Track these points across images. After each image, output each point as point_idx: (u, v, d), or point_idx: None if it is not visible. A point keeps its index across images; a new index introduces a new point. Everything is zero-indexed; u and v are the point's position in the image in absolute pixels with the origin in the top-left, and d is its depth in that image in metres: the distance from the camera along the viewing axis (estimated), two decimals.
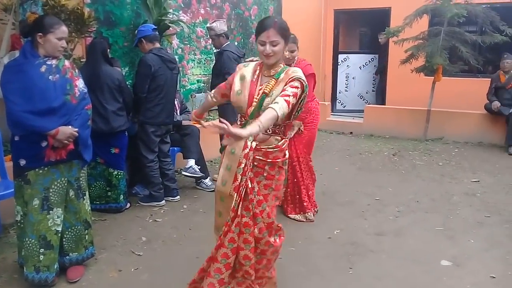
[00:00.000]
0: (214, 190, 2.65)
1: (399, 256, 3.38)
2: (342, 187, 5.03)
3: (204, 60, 6.26)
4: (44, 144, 2.70)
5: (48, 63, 2.73)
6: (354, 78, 9.53)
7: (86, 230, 3.05)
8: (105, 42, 4.14)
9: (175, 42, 5.67)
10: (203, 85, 6.20)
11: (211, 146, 2.53)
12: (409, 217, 4.18)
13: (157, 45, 4.33)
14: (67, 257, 2.98)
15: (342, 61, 9.46)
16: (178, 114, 4.86)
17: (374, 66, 9.43)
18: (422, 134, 7.47)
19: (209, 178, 4.89)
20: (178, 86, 4.88)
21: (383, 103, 8.80)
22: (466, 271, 3.15)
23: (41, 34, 2.69)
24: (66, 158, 2.79)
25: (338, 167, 5.94)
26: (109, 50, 4.15)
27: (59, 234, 2.86)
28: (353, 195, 4.77)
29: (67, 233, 2.94)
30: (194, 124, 5.34)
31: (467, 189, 4.99)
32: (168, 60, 4.28)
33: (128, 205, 4.28)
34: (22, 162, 2.73)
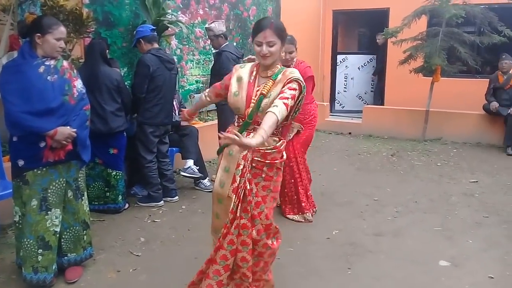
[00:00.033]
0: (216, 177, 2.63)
1: (398, 256, 3.38)
2: (340, 188, 5.04)
3: (202, 60, 6.26)
4: (42, 144, 2.70)
5: (46, 64, 2.72)
6: (352, 79, 9.53)
7: (84, 231, 3.05)
8: (103, 42, 4.14)
9: (174, 42, 5.67)
10: (202, 85, 6.20)
11: (210, 146, 2.54)
12: (407, 217, 4.18)
13: (155, 45, 4.33)
14: (66, 257, 2.97)
15: (341, 61, 9.46)
16: (177, 114, 4.85)
17: (373, 66, 9.42)
18: (421, 135, 7.48)
19: (207, 178, 4.89)
20: (176, 87, 4.88)
21: (381, 104, 8.80)
22: (465, 272, 3.16)
23: (39, 34, 2.69)
24: (64, 159, 2.79)
25: (337, 168, 5.94)
26: (107, 51, 4.15)
27: (58, 235, 2.86)
28: (351, 196, 4.77)
29: (66, 233, 2.94)
30: (193, 124, 5.35)
31: (466, 189, 5.00)
32: (166, 60, 4.28)
33: (126, 205, 4.28)
34: (21, 163, 2.73)
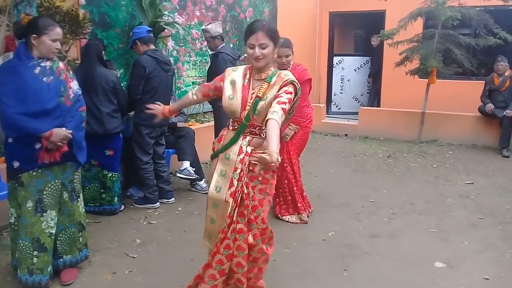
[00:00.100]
0: (209, 182, 2.59)
1: (394, 258, 3.39)
2: (336, 189, 5.04)
3: (199, 62, 6.26)
4: (38, 146, 2.69)
5: (42, 65, 2.72)
6: (349, 81, 9.55)
7: (80, 233, 3.03)
8: (100, 43, 4.14)
9: (170, 44, 5.67)
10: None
11: (206, 148, 2.53)
12: (403, 219, 4.19)
13: (152, 47, 4.33)
14: (61, 259, 2.96)
15: (337, 63, 9.49)
16: (173, 116, 4.85)
17: (369, 68, 9.46)
18: (417, 136, 7.50)
19: (204, 180, 4.88)
20: (173, 88, 4.87)
21: (377, 106, 8.82)
22: (460, 273, 3.17)
23: (35, 35, 2.68)
24: (60, 160, 2.78)
25: (333, 169, 5.95)
26: (104, 52, 4.15)
27: (53, 237, 2.85)
28: (347, 197, 4.78)
29: (61, 235, 2.93)
30: (190, 125, 5.35)
31: (461, 191, 5.02)
32: (163, 61, 4.28)
33: (122, 207, 4.27)
34: (16, 164, 2.72)
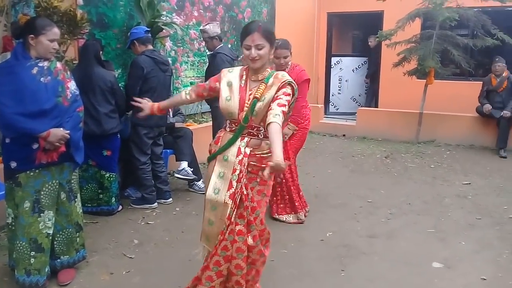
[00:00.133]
0: (205, 184, 2.59)
1: (391, 258, 3.39)
2: (334, 190, 5.05)
3: (197, 62, 6.26)
4: (35, 146, 2.69)
5: (39, 65, 2.71)
6: (347, 81, 9.56)
7: (77, 233, 3.03)
8: (97, 44, 4.12)
9: (168, 44, 5.67)
10: None
11: (204, 148, 2.52)
12: (401, 219, 4.20)
13: (150, 47, 4.32)
14: (58, 260, 2.96)
15: (335, 64, 9.49)
16: (171, 116, 4.85)
17: (367, 69, 9.47)
18: (414, 137, 7.51)
19: (202, 180, 4.88)
20: (171, 88, 4.87)
21: (374, 107, 8.83)
22: (458, 273, 3.17)
23: (32, 35, 2.68)
24: (57, 161, 2.78)
25: (331, 170, 5.96)
26: (101, 52, 4.14)
27: (50, 237, 2.84)
28: (345, 198, 4.78)
29: (58, 236, 2.93)
30: (188, 126, 5.35)
31: (459, 191, 5.03)
32: (161, 62, 4.27)
33: (120, 207, 4.26)
34: (13, 165, 2.71)
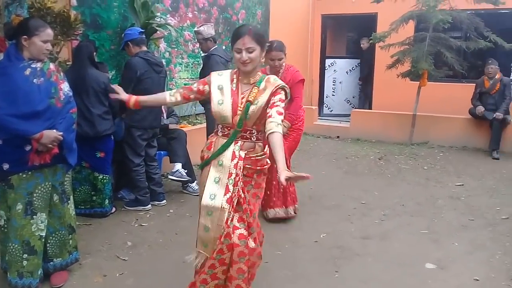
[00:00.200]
0: (199, 191, 2.57)
1: (385, 259, 3.40)
2: (328, 191, 5.06)
3: (191, 64, 6.25)
4: (28, 148, 2.67)
5: (32, 66, 2.69)
6: (341, 83, 9.59)
7: (70, 235, 3.01)
8: (91, 45, 4.11)
9: (163, 45, 5.66)
10: None
11: (198, 150, 2.51)
12: (394, 220, 4.21)
13: (144, 48, 4.32)
14: (51, 263, 2.94)
15: (329, 65, 9.52)
16: (165, 117, 4.84)
17: (360, 71, 9.50)
18: (408, 139, 7.54)
19: (196, 182, 4.87)
20: (165, 90, 4.86)
21: (368, 109, 8.86)
22: (451, 274, 3.19)
23: (26, 37, 2.66)
24: (50, 162, 2.76)
25: (325, 171, 5.97)
26: (95, 53, 4.12)
27: (43, 239, 2.82)
28: (339, 199, 4.79)
29: (51, 238, 2.91)
30: (182, 128, 5.34)
31: (452, 192, 5.05)
32: (154, 63, 4.27)
33: (113, 209, 4.24)
34: (6, 166, 2.69)
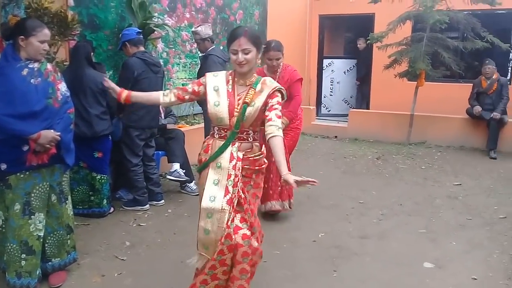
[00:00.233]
0: (199, 194, 2.58)
1: (383, 258, 3.41)
2: (326, 191, 5.06)
3: (189, 64, 6.25)
4: (25, 148, 2.66)
5: (30, 67, 2.69)
6: (338, 83, 9.60)
7: (68, 235, 3.01)
8: (88, 45, 4.10)
9: (160, 45, 5.65)
10: None
11: (196, 150, 2.51)
12: (392, 220, 4.22)
13: (141, 48, 4.31)
14: (50, 262, 2.93)
15: (327, 66, 9.53)
16: (163, 117, 4.84)
17: (357, 71, 9.51)
18: (406, 138, 7.56)
19: (194, 182, 4.87)
20: (163, 90, 4.85)
21: (365, 109, 8.88)
22: (448, 273, 3.20)
23: (23, 37, 2.66)
24: (48, 163, 2.76)
25: (323, 171, 5.97)
26: (92, 54, 4.12)
27: (41, 240, 2.82)
28: (337, 199, 4.80)
29: (49, 238, 2.90)
30: (180, 127, 5.33)
31: (449, 192, 5.07)
32: (152, 63, 4.26)
33: (111, 209, 4.24)
34: (3, 167, 2.69)
